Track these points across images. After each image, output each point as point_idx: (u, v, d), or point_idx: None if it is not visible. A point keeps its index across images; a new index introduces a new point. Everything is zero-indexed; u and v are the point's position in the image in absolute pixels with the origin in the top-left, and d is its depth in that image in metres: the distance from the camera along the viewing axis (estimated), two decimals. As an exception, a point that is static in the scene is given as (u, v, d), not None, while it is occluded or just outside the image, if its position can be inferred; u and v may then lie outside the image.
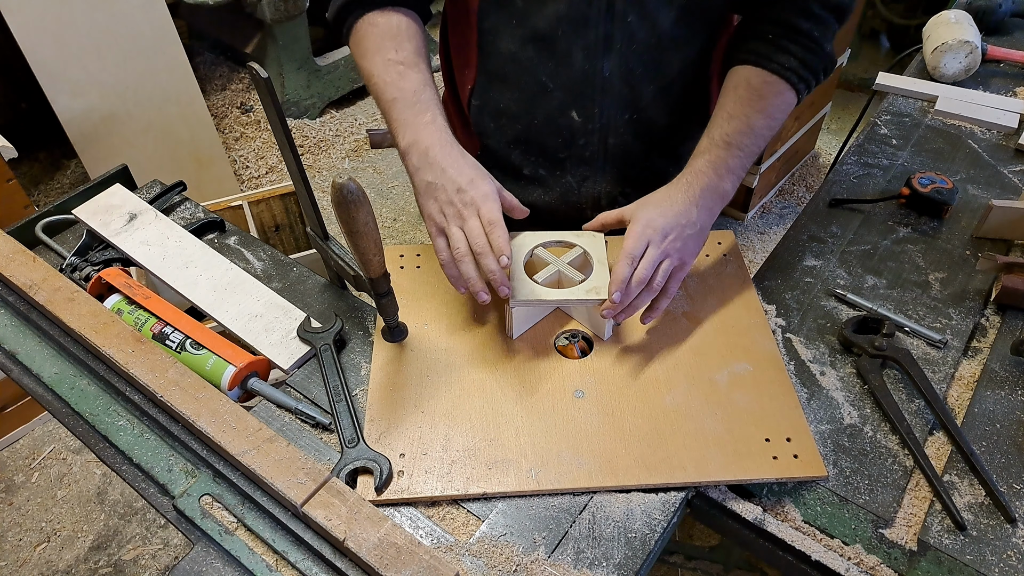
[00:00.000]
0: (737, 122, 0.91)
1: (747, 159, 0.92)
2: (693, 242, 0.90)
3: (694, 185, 0.90)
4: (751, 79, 0.93)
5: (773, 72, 0.92)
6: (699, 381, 0.88)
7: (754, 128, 0.92)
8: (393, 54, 0.91)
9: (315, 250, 1.09)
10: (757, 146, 0.93)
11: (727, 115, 0.92)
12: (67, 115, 2.12)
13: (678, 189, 0.90)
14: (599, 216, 0.93)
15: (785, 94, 0.93)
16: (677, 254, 0.88)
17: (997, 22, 1.55)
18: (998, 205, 1.04)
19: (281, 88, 3.00)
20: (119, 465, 0.82)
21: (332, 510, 0.70)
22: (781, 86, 0.92)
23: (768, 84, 0.92)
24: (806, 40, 0.92)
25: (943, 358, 0.92)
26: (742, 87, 0.93)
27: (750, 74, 0.93)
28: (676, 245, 0.87)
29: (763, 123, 0.92)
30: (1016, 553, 0.74)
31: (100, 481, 1.92)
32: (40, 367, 0.90)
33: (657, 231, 0.86)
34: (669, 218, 0.87)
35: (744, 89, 0.93)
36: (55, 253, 1.07)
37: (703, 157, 0.92)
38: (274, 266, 1.06)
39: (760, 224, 2.67)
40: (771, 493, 0.80)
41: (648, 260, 0.85)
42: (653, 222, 0.87)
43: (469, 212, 0.84)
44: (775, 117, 0.93)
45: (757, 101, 0.92)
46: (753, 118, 0.91)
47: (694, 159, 0.93)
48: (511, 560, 0.72)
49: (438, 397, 0.86)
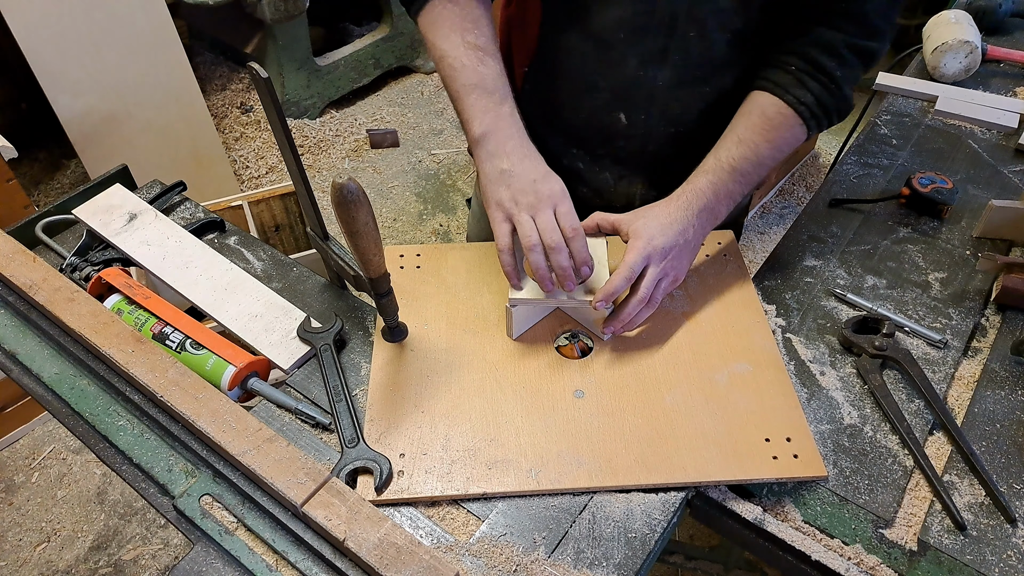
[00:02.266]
0: (745, 148, 0.92)
1: (746, 187, 0.94)
2: (687, 259, 0.93)
3: (693, 205, 0.91)
4: (766, 108, 0.93)
5: (788, 104, 0.92)
6: (699, 381, 0.88)
7: (760, 157, 0.92)
8: (472, 37, 0.90)
9: (315, 250, 1.09)
10: (758, 175, 0.94)
11: (737, 139, 0.93)
12: (67, 115, 2.12)
13: (678, 207, 0.91)
14: (594, 216, 0.93)
15: (795, 128, 0.93)
16: (673, 272, 0.91)
17: (997, 22, 1.55)
18: (998, 205, 1.04)
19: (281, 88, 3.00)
20: (119, 465, 0.82)
21: (332, 510, 0.70)
22: (793, 120, 0.92)
23: (781, 115, 0.92)
24: (826, 79, 0.91)
25: (943, 358, 0.92)
26: (756, 114, 0.93)
27: (766, 102, 0.93)
28: (673, 264, 0.90)
29: (769, 153, 0.93)
30: (1016, 553, 0.74)
31: (100, 481, 1.92)
32: (40, 367, 0.90)
33: (658, 250, 0.87)
34: (669, 237, 0.88)
35: (758, 116, 0.93)
36: (55, 253, 1.07)
37: (706, 177, 0.92)
38: (274, 266, 1.06)
39: (760, 224, 2.67)
40: (771, 493, 0.80)
41: (648, 280, 0.87)
42: (655, 240, 0.87)
43: (544, 205, 0.85)
44: (782, 149, 0.94)
45: (768, 131, 0.92)
46: (761, 147, 0.92)
47: (696, 176, 0.93)
48: (511, 560, 0.72)
49: (438, 397, 0.86)
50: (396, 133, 3.06)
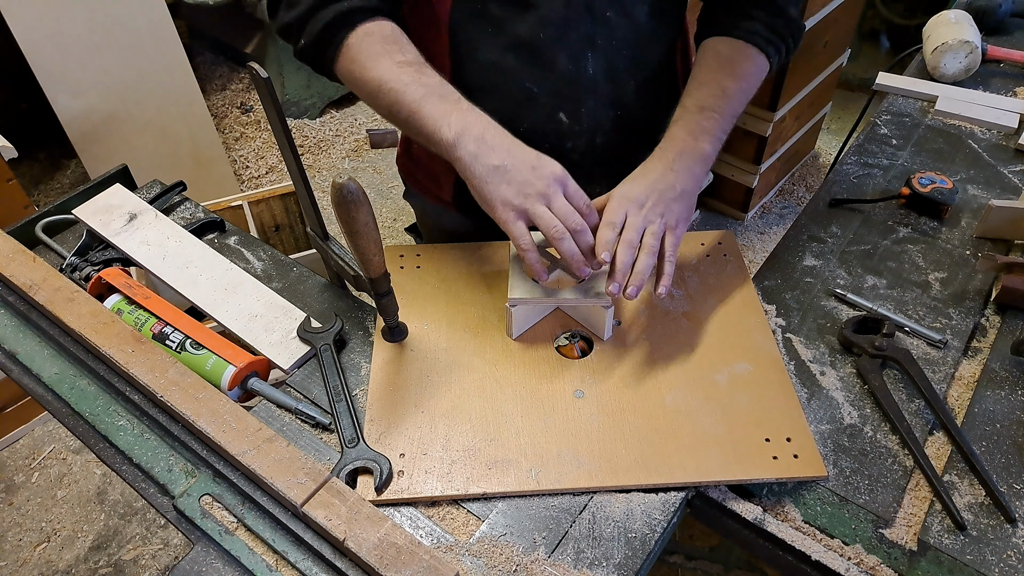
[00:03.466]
0: (708, 88, 0.92)
1: (724, 121, 0.92)
2: (678, 205, 0.87)
3: (668, 151, 0.90)
4: (719, 48, 0.94)
5: (739, 38, 0.94)
6: (699, 381, 0.88)
7: (726, 91, 0.92)
8: (401, 57, 0.86)
9: (315, 250, 1.09)
10: (732, 108, 0.93)
11: (698, 83, 0.93)
12: (67, 115, 2.12)
13: (653, 160, 0.90)
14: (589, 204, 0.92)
15: (756, 58, 0.94)
16: (661, 220, 0.85)
17: (997, 22, 1.55)
18: (998, 205, 1.04)
19: (281, 88, 3.00)
20: (119, 465, 0.82)
21: (332, 510, 0.70)
22: (750, 51, 0.94)
23: (736, 50, 0.94)
24: (769, 6, 0.94)
25: (943, 358, 0.92)
26: (710, 57, 0.95)
27: (717, 43, 0.95)
28: (658, 210, 0.85)
29: (735, 86, 0.92)
30: (1016, 553, 0.74)
31: (100, 481, 1.92)
32: (40, 367, 0.90)
33: (632, 201, 0.85)
34: (642, 187, 0.86)
35: (713, 58, 0.94)
36: (55, 253, 1.07)
37: (677, 124, 0.92)
38: (274, 266, 1.06)
39: (760, 224, 2.67)
40: (771, 493, 0.80)
41: (631, 225, 0.84)
42: (628, 194, 0.86)
43: (553, 189, 0.81)
44: (748, 80, 0.94)
45: (727, 66, 0.93)
46: (724, 81, 0.92)
47: (668, 129, 0.93)
48: (511, 560, 0.72)
49: (438, 397, 0.86)
50: (396, 133, 3.06)
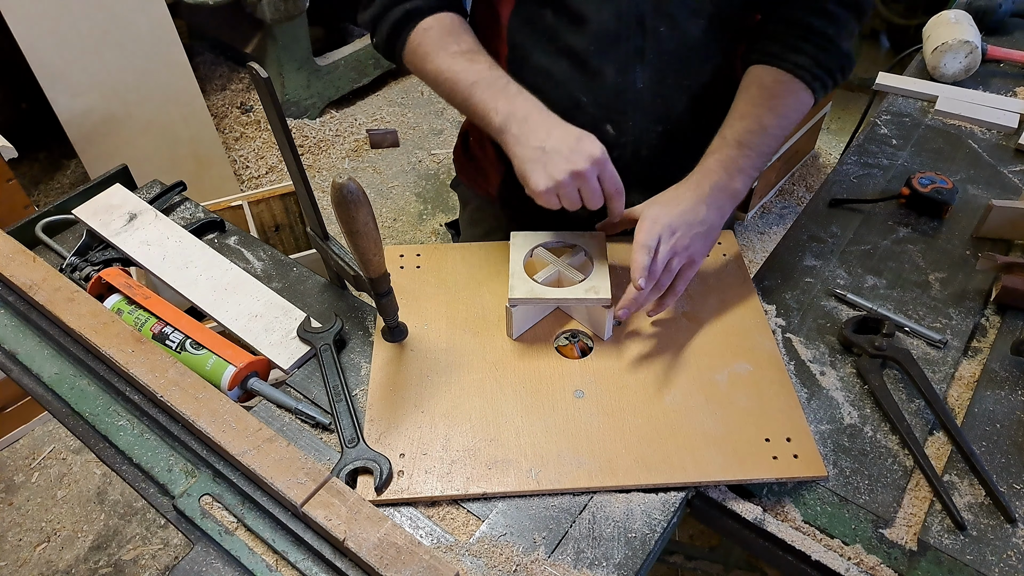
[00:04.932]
0: (748, 121, 0.91)
1: (759, 159, 0.92)
2: (702, 240, 0.89)
3: (703, 184, 0.89)
4: (763, 78, 0.92)
5: (786, 71, 0.91)
6: (699, 381, 0.88)
7: (766, 127, 0.91)
8: (455, 47, 0.90)
9: (315, 250, 1.09)
10: (769, 146, 0.92)
11: (739, 115, 0.92)
12: (67, 115, 2.12)
13: (687, 188, 0.90)
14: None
15: (799, 93, 0.92)
16: (686, 252, 0.87)
17: (997, 22, 1.55)
18: (998, 205, 1.04)
19: (281, 88, 3.00)
20: (119, 465, 0.81)
21: (332, 510, 0.70)
22: (795, 85, 0.91)
23: (781, 83, 0.92)
24: (819, 39, 0.91)
25: (943, 358, 0.92)
26: (754, 87, 0.93)
27: (763, 73, 0.93)
28: (684, 243, 0.87)
29: (775, 122, 0.91)
30: (1016, 553, 0.74)
31: (100, 481, 1.92)
32: (40, 367, 0.90)
33: (665, 227, 0.86)
34: (675, 215, 0.87)
35: (756, 89, 0.92)
36: (55, 253, 1.07)
37: (714, 156, 0.91)
38: (274, 266, 1.06)
39: (760, 224, 2.67)
40: (771, 493, 0.80)
41: (660, 255, 0.85)
42: (661, 218, 0.86)
43: (589, 171, 0.82)
44: (788, 116, 0.92)
45: (769, 100, 0.91)
46: (764, 117, 0.91)
47: (705, 158, 0.92)
48: (511, 560, 0.72)
49: (438, 397, 0.86)
50: (396, 133, 3.06)
